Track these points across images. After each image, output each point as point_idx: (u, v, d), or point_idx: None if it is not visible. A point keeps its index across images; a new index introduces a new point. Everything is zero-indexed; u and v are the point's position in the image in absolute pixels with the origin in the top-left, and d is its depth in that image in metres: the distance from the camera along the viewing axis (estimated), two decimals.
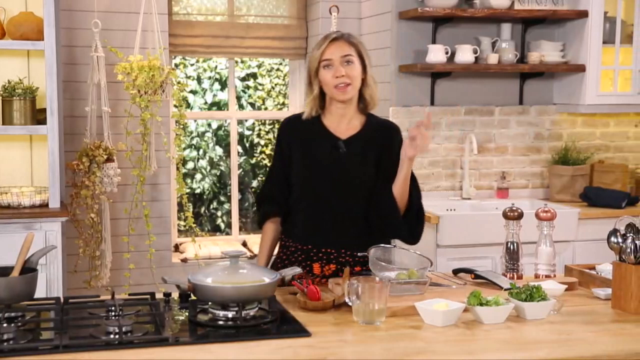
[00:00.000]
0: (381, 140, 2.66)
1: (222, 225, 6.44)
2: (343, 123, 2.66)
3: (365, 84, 2.63)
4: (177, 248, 5.05)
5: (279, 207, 2.72)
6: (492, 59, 4.48)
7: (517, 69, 4.57)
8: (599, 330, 2.10)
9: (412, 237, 2.66)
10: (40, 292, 3.73)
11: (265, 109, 6.53)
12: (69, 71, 4.47)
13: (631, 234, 2.28)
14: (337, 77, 2.55)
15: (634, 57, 4.56)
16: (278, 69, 6.51)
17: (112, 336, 1.97)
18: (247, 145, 6.53)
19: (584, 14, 4.49)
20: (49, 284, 3.75)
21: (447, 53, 4.42)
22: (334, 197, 2.62)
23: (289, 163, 2.69)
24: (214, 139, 6.49)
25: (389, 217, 2.61)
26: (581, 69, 4.52)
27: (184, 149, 4.70)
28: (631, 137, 5.00)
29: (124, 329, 1.97)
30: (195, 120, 6.26)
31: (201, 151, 6.47)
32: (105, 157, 4.22)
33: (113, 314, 2.16)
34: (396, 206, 2.59)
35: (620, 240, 2.30)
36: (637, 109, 4.72)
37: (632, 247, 2.26)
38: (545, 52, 4.60)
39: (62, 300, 2.29)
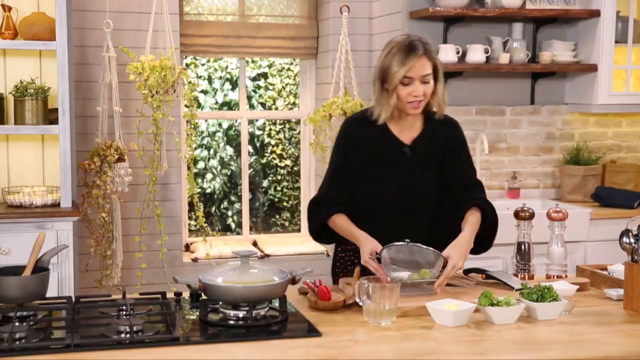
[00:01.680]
0: (444, 139, 2.69)
1: (233, 225, 6.45)
2: (406, 127, 2.67)
3: (434, 93, 2.61)
4: (187, 248, 5.06)
5: (345, 209, 2.64)
6: (504, 58, 4.47)
7: (528, 68, 4.56)
8: (610, 331, 2.09)
9: (483, 248, 2.66)
10: (51, 292, 3.74)
11: (276, 108, 6.53)
12: (80, 71, 4.49)
13: None
14: (414, 96, 2.55)
15: None
16: (289, 69, 6.51)
17: (123, 335, 1.98)
18: (258, 145, 6.53)
19: (596, 13, 4.47)
20: (61, 283, 3.77)
21: (458, 53, 4.41)
22: (401, 201, 2.61)
23: (352, 165, 2.66)
24: (225, 138, 6.50)
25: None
26: (593, 68, 4.50)
27: (195, 148, 4.70)
28: None
29: (135, 328, 1.98)
30: (206, 120, 6.27)
31: (212, 151, 6.48)
32: (117, 156, 4.23)
33: (124, 313, 2.16)
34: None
35: (632, 240, 2.29)
36: None
37: None
38: (557, 51, 4.58)
39: (73, 299, 2.29)
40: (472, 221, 2.57)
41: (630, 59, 4.55)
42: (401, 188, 2.63)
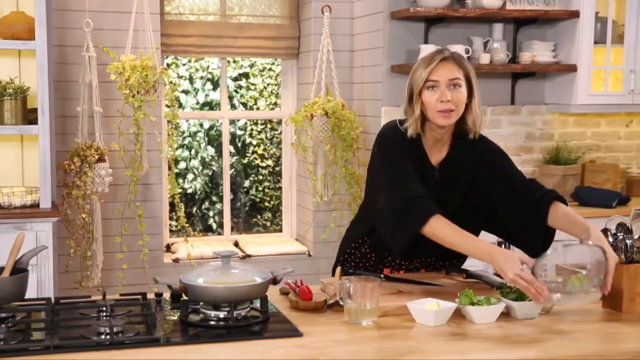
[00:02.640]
0: (473, 160, 2.55)
1: (214, 225, 6.44)
2: (437, 147, 2.55)
3: (469, 109, 2.48)
4: (168, 248, 5.04)
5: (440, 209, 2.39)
6: (484, 59, 4.49)
7: (508, 69, 4.58)
8: (589, 330, 2.11)
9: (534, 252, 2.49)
10: (31, 293, 3.70)
11: (258, 108, 6.52)
12: (60, 71, 4.46)
13: (622, 234, 2.29)
14: (442, 102, 2.41)
15: (624, 57, 4.57)
16: (270, 69, 6.50)
17: (103, 337, 1.96)
18: (239, 145, 6.52)
19: (575, 14, 4.51)
20: (40, 284, 3.74)
21: None
22: None
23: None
24: (206, 138, 6.48)
25: (529, 235, 2.52)
26: (572, 69, 4.53)
27: (176, 149, 4.69)
28: (622, 137, 5.02)
29: (115, 330, 1.97)
30: (187, 120, 6.25)
31: (193, 151, 6.46)
32: (97, 157, 4.21)
33: (104, 314, 2.15)
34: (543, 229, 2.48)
35: (611, 239, 2.31)
36: (628, 108, 4.74)
37: (623, 247, 2.27)
38: (537, 52, 4.61)
39: (53, 300, 2.28)
40: (570, 212, 2.41)
41: (609, 59, 4.59)
42: None
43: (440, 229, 2.32)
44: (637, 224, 2.42)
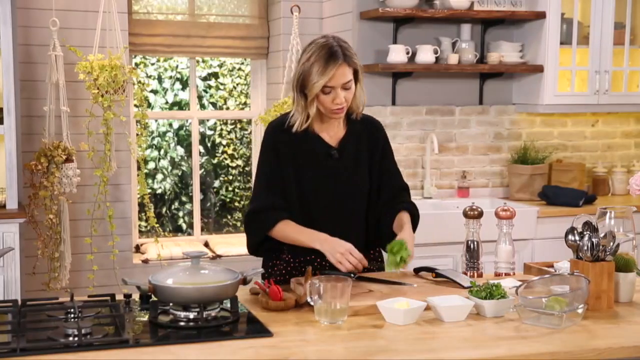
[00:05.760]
0: (368, 140, 2.69)
1: (184, 226, 6.40)
2: (331, 128, 2.65)
3: (354, 94, 2.58)
4: (138, 249, 5.00)
5: (288, 214, 2.58)
6: (453, 59, 4.52)
7: (476, 69, 4.62)
8: (556, 328, 2.13)
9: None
10: None
11: (227, 108, 6.50)
12: (26, 70, 4.41)
13: (588, 232, 2.32)
14: (337, 103, 2.52)
15: (590, 57, 4.63)
16: (240, 69, 6.48)
17: (70, 338, 1.95)
18: (209, 145, 6.49)
19: (541, 15, 4.56)
20: (7, 286, 3.70)
21: (407, 53, 4.45)
22: (334, 205, 2.58)
23: (283, 171, 2.60)
24: (175, 138, 6.45)
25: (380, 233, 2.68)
26: (539, 69, 4.58)
27: (145, 149, 4.66)
28: (588, 137, 5.08)
29: (83, 331, 1.95)
30: (156, 120, 6.21)
31: (162, 151, 6.42)
32: (64, 157, 4.16)
33: (72, 316, 2.13)
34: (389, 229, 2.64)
35: (577, 238, 2.34)
36: (593, 108, 4.80)
37: (589, 245, 2.30)
38: (504, 52, 4.66)
39: (19, 302, 2.25)
40: (403, 219, 2.62)
41: (574, 60, 4.64)
42: (332, 192, 2.60)
43: (282, 232, 2.56)
44: (602, 222, 2.46)
